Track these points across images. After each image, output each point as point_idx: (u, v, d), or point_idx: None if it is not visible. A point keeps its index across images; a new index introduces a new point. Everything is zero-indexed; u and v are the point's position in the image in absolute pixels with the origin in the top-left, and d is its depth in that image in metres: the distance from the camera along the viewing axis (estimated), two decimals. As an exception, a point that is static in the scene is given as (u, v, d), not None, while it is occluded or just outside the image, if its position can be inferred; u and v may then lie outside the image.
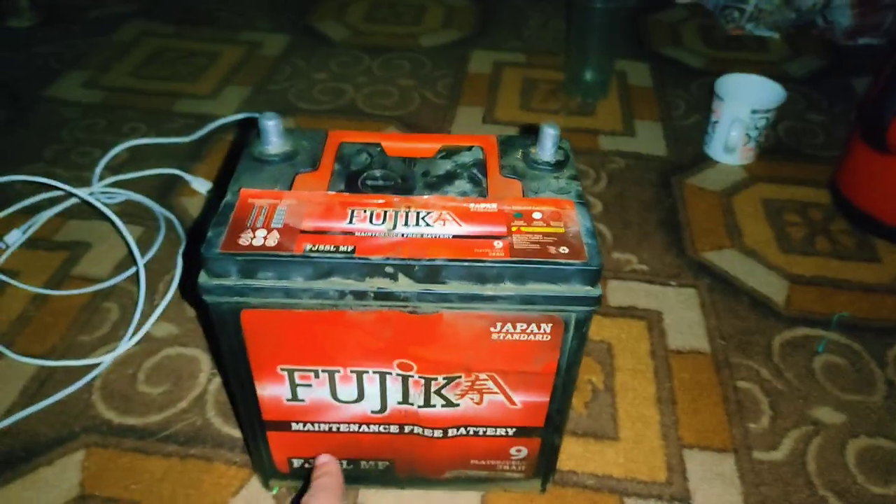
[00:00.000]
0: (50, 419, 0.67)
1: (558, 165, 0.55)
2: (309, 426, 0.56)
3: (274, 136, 0.54)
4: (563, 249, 0.47)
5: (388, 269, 0.46)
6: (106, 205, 0.87)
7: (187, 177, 0.97)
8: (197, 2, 1.49)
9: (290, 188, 0.51)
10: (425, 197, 0.51)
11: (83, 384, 0.71)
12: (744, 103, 0.99)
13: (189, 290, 0.80)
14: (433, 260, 0.45)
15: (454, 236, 0.47)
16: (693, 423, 0.68)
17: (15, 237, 0.87)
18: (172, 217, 0.91)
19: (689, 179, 1.02)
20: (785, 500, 0.62)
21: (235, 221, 0.48)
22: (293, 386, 0.53)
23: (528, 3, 1.52)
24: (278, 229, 0.47)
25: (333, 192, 0.51)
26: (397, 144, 0.57)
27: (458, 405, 0.54)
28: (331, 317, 0.48)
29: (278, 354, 0.51)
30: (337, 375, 0.52)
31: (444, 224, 0.48)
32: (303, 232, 0.47)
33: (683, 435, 0.67)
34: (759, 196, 0.99)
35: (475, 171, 0.55)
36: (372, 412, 0.55)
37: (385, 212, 0.49)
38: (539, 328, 0.49)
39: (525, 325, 0.49)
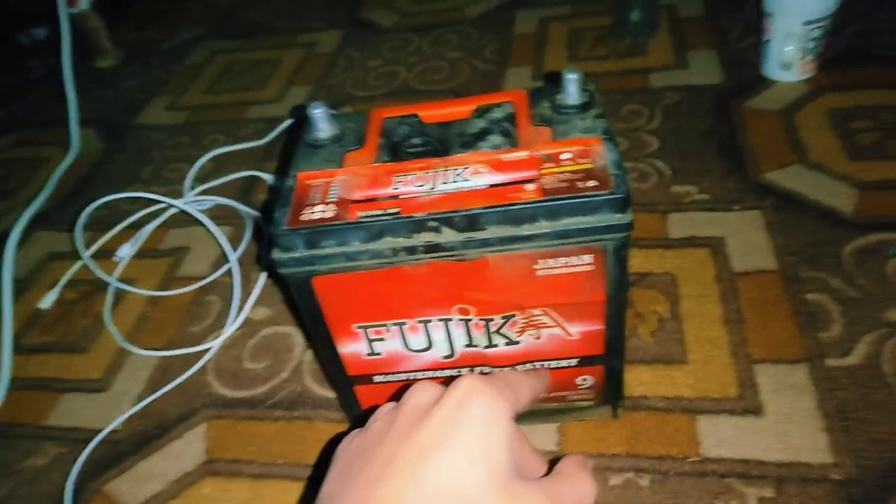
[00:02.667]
0: (174, 400, 0.77)
1: (584, 107, 0.58)
2: (390, 377, 0.62)
3: (322, 123, 0.59)
4: (591, 183, 0.50)
5: (432, 224, 0.50)
6: (199, 211, 0.96)
7: (263, 176, 1.05)
8: (258, 14, 1.58)
9: (340, 166, 0.57)
10: (460, 155, 0.55)
11: (198, 368, 0.80)
12: (794, 16, 0.96)
13: (264, 267, 0.88)
14: (470, 209, 0.50)
15: (489, 186, 0.51)
16: (762, 338, 0.69)
17: (126, 251, 0.98)
18: (255, 213, 1.00)
19: (748, 103, 1.00)
20: (861, 401, 0.62)
21: (297, 201, 0.54)
22: (369, 341, 0.59)
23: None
24: (334, 202, 0.53)
25: (379, 164, 0.56)
26: (433, 112, 0.61)
27: (518, 342, 0.59)
28: (389, 274, 0.53)
29: (351, 314, 0.57)
30: (405, 327, 0.57)
31: (479, 176, 0.52)
32: (354, 202, 0.52)
33: (753, 351, 0.68)
34: (823, 108, 0.96)
35: (506, 124, 0.58)
36: (443, 357, 0.60)
37: (425, 173, 0.53)
38: (580, 259, 0.52)
39: (566, 259, 0.52)
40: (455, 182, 0.52)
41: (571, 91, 0.57)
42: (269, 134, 1.16)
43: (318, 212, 0.52)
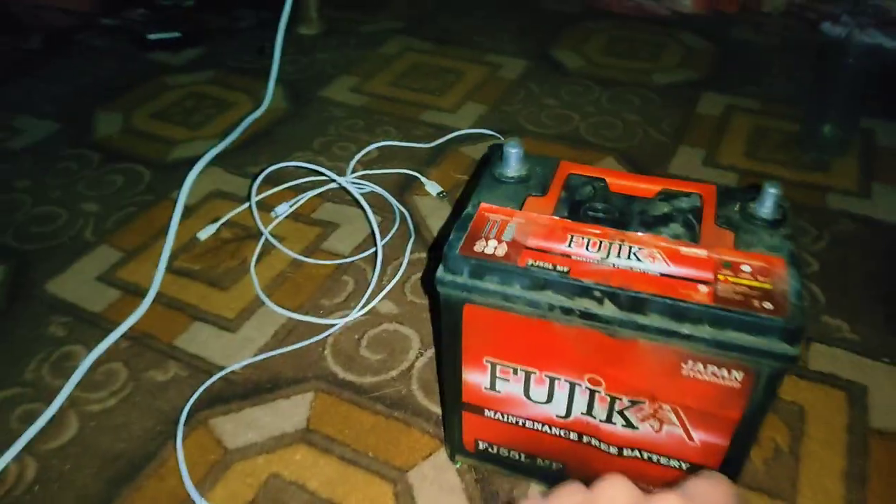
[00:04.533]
0: (291, 362, 0.82)
1: (775, 224, 0.56)
2: (499, 415, 0.63)
3: (514, 162, 0.61)
4: (767, 304, 0.49)
5: (596, 294, 0.51)
6: (358, 193, 1.01)
7: (423, 178, 1.09)
8: (455, 23, 1.64)
9: (520, 208, 0.58)
10: (639, 234, 0.55)
11: (319, 339, 0.84)
12: None
13: (424, 280, 0.91)
14: (639, 292, 0.50)
15: (662, 274, 0.51)
16: (882, 507, 0.64)
17: (283, 209, 1.04)
18: (406, 212, 1.03)
19: (927, 256, 0.94)
20: None
21: (473, 230, 0.56)
22: (493, 377, 0.60)
23: (772, 51, 1.47)
24: (507, 242, 0.54)
25: (557, 217, 0.57)
26: (621, 182, 0.62)
27: (637, 428, 0.58)
28: (537, 324, 0.54)
29: (487, 347, 0.58)
30: (532, 376, 0.58)
31: (653, 261, 0.52)
32: (527, 248, 0.54)
33: (869, 517, 0.64)
34: None
35: (690, 216, 0.58)
36: (557, 416, 0.60)
37: (601, 241, 0.54)
38: (729, 373, 0.51)
39: (716, 368, 0.51)
40: (629, 259, 0.52)
41: (767, 204, 0.56)
42: (437, 140, 1.20)
43: (491, 247, 0.54)
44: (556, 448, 0.63)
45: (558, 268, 0.52)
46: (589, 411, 0.59)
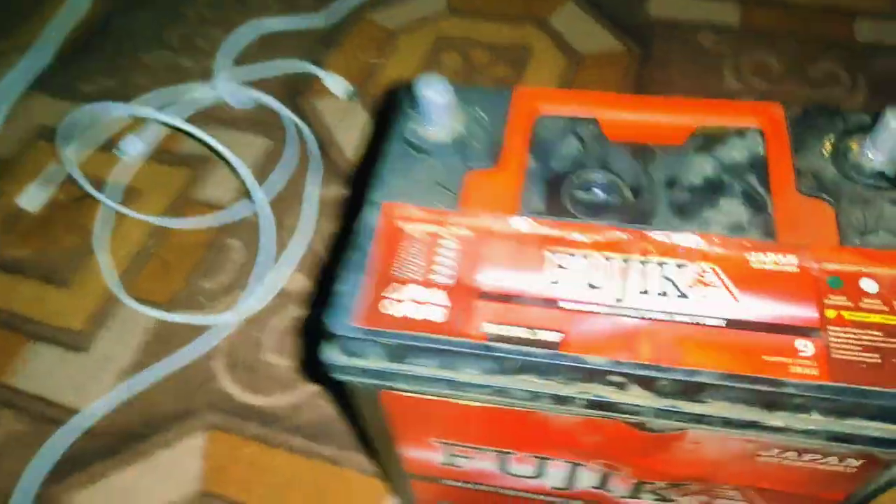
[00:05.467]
0: (170, 388, 0.60)
1: (900, 178, 0.33)
2: (466, 485, 0.43)
3: (437, 111, 0.35)
4: (922, 366, 0.27)
5: (614, 378, 0.28)
6: (231, 108, 0.73)
7: (321, 74, 0.80)
8: None
9: (458, 203, 0.34)
10: (674, 235, 0.31)
11: (204, 347, 0.61)
12: None
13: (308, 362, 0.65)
14: (693, 372, 0.28)
15: (727, 322, 0.29)
16: None
17: (134, 146, 0.76)
18: (304, 126, 0.76)
19: None
20: None
21: (378, 265, 0.31)
22: (450, 455, 0.39)
23: None
24: (443, 286, 0.30)
25: (527, 217, 0.33)
26: (625, 117, 0.37)
27: (674, 502, 0.39)
28: (512, 414, 0.32)
29: (432, 431, 0.37)
30: (510, 457, 0.37)
31: (706, 293, 0.30)
32: (482, 294, 0.30)
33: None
34: None
35: (752, 178, 0.34)
36: (552, 487, 0.41)
37: (609, 261, 0.31)
38: (841, 461, 0.31)
39: (821, 457, 0.31)
40: (663, 295, 0.30)
41: (889, 142, 0.33)
42: (336, 9, 0.89)
43: (416, 301, 0.30)
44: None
45: (541, 335, 0.29)
46: (602, 486, 0.39)
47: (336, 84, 0.80)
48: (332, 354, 0.31)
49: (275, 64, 0.82)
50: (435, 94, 0.34)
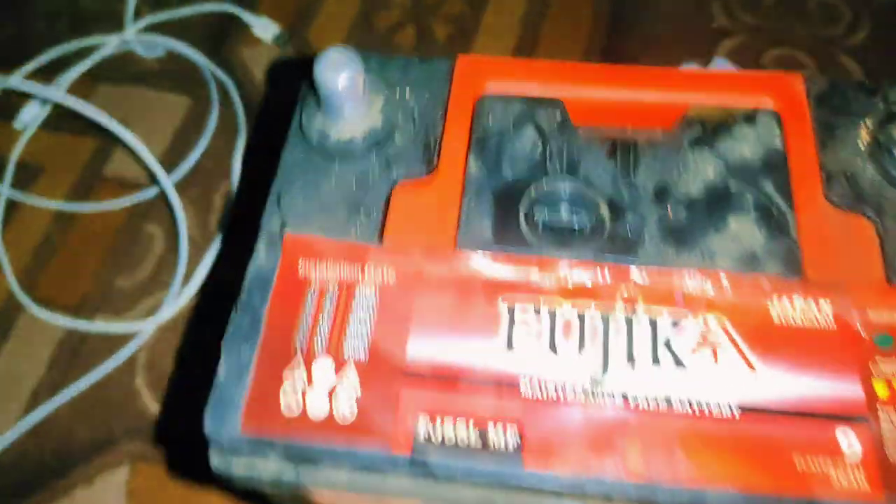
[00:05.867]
0: (85, 411, 0.52)
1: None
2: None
3: (350, 104, 0.26)
4: None
5: (592, 495, 0.21)
6: (146, 59, 0.62)
7: (246, 17, 0.69)
8: None
9: (379, 225, 0.25)
10: (667, 274, 0.23)
11: (123, 361, 0.53)
12: None
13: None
14: (699, 492, 0.20)
15: (742, 409, 0.21)
16: None
17: (32, 114, 0.65)
18: (227, 80, 0.66)
19: None
20: None
21: (276, 330, 0.23)
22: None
23: None
24: (358, 363, 0.23)
25: (469, 253, 0.24)
26: (594, 95, 0.28)
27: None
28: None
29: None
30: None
31: (713, 362, 0.22)
32: (409, 376, 0.22)
33: None
34: None
35: (766, 183, 0.26)
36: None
37: (581, 317, 0.23)
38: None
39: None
40: (656, 364, 0.22)
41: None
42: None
43: (319, 393, 0.22)
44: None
45: (493, 436, 0.21)
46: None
47: (263, 27, 0.68)
48: (220, 462, 0.23)
49: (194, 5, 0.70)
50: (340, 78, 0.25)
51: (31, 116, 0.66)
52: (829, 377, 0.21)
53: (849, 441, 0.20)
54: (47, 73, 0.68)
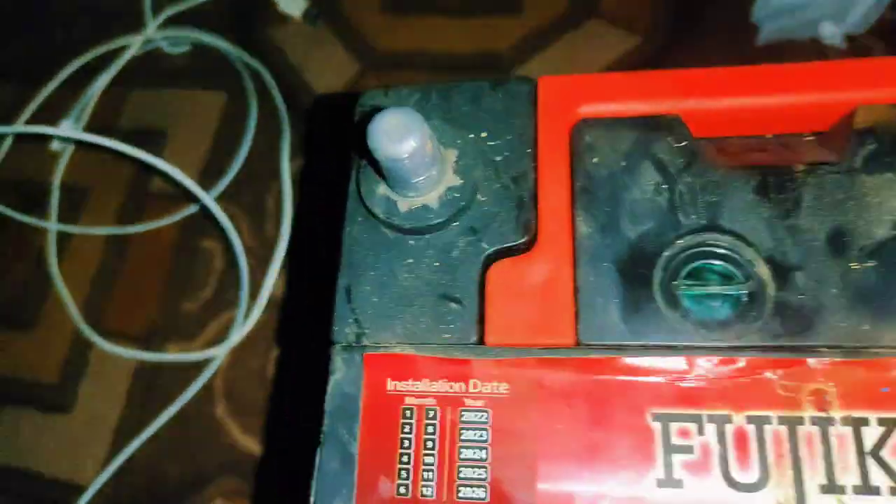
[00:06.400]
0: (171, 447, 0.50)
1: None
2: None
3: (417, 166, 0.21)
4: None
5: None
6: (172, 55, 0.58)
7: (273, -8, 0.63)
8: None
9: (476, 321, 0.20)
10: (858, 354, 0.18)
11: (197, 389, 0.51)
12: None
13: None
14: None
15: None
16: None
17: (68, 130, 0.62)
18: (261, 68, 0.60)
19: None
20: None
21: (368, 479, 0.19)
22: None
23: None
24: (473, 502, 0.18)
25: (595, 349, 0.19)
26: (721, 105, 0.22)
27: None
28: None
29: None
30: None
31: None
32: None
33: None
34: None
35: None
36: None
37: (760, 432, 0.18)
38: None
39: None
40: (869, 488, 0.17)
41: None
42: None
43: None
44: None
45: None
46: None
47: (288, 3, 0.62)
48: None
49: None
50: (403, 148, 0.20)
51: (66, 130, 0.62)
52: None
53: None
54: (73, 86, 0.64)
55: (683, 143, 0.21)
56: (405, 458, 0.19)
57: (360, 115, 0.23)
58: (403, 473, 0.19)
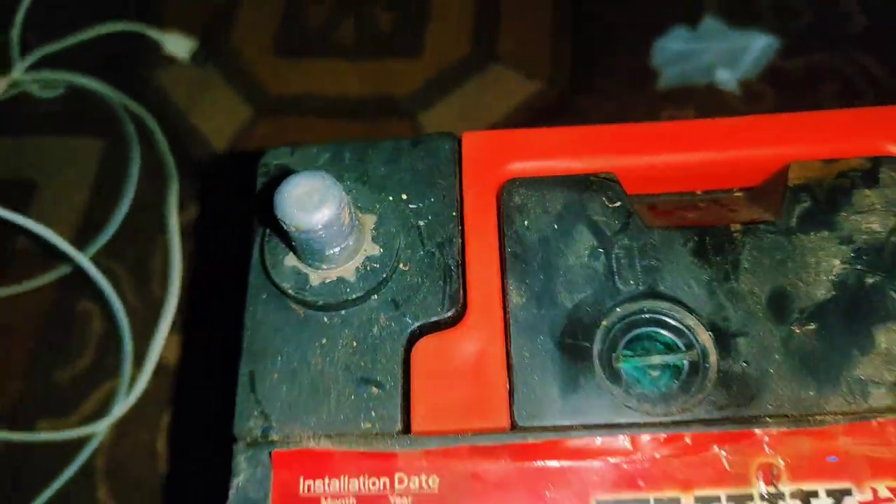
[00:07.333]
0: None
1: None
2: None
3: (333, 237, 0.19)
4: None
5: None
6: (43, 99, 0.53)
7: (153, 34, 0.58)
8: None
9: (400, 409, 0.18)
10: (803, 423, 0.17)
11: (76, 470, 0.45)
12: None
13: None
14: None
15: None
16: None
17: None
18: (142, 111, 0.56)
19: None
20: None
21: None
22: None
23: None
24: None
25: (530, 432, 0.18)
26: (654, 161, 0.21)
27: None
28: None
29: None
30: None
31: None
32: None
33: None
34: None
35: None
36: None
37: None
38: None
39: None
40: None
41: None
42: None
43: None
44: None
45: None
46: None
47: (175, 44, 0.58)
48: None
49: (88, 29, 0.59)
50: (316, 219, 0.18)
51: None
52: None
53: None
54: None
55: (618, 203, 0.19)
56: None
57: (263, 175, 0.20)
58: None
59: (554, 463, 0.18)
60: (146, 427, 0.47)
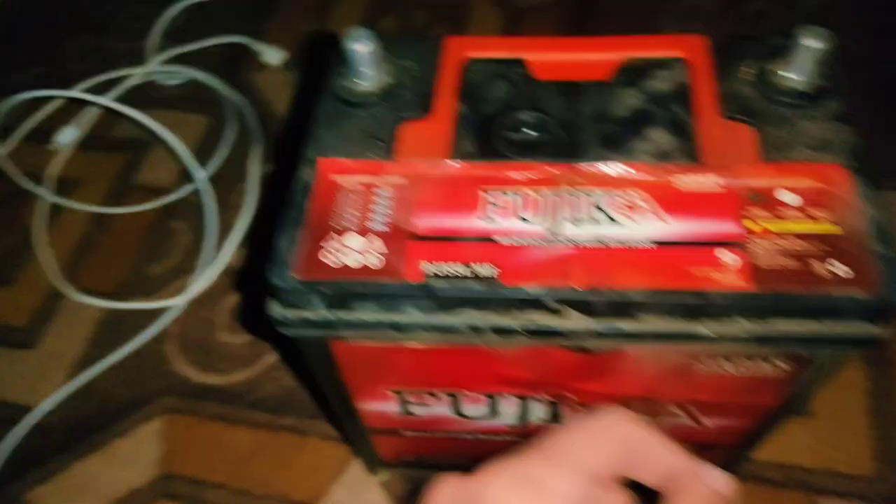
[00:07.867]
0: (122, 377, 0.59)
1: (816, 96, 0.35)
2: (425, 434, 0.44)
3: (366, 66, 0.36)
4: (838, 268, 0.29)
5: (550, 305, 0.30)
6: (167, 86, 0.72)
7: (256, 46, 0.79)
8: None
9: (390, 151, 0.34)
10: (602, 166, 0.33)
11: (154, 333, 0.61)
12: None
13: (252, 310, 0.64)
14: (624, 293, 0.29)
15: (655, 243, 0.30)
16: None
17: (68, 136, 0.75)
18: (243, 101, 0.75)
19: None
20: None
21: (315, 218, 0.32)
22: (404, 403, 0.40)
23: None
24: (380, 233, 0.31)
25: (460, 162, 0.33)
26: (550, 57, 0.38)
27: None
28: (456, 351, 0.33)
29: (385, 379, 0.38)
30: (462, 397, 0.39)
31: (635, 217, 0.31)
32: (417, 238, 0.31)
33: None
34: None
35: (676, 108, 0.35)
36: (508, 426, 0.42)
37: (541, 196, 0.32)
38: (771, 364, 0.33)
39: (750, 363, 0.33)
40: (595, 223, 0.31)
41: (803, 62, 0.34)
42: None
43: (353, 250, 0.31)
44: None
45: (478, 271, 0.30)
46: (554, 419, 0.40)
47: (271, 54, 0.79)
48: (277, 309, 0.31)
49: (209, 38, 0.81)
50: (360, 45, 0.35)
51: (65, 138, 0.75)
52: (717, 221, 0.30)
53: (730, 258, 0.29)
54: (79, 106, 0.77)
55: (521, 72, 0.36)
56: (338, 208, 0.32)
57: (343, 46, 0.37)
58: (335, 217, 0.32)
59: (466, 173, 0.33)
60: (209, 307, 0.62)
